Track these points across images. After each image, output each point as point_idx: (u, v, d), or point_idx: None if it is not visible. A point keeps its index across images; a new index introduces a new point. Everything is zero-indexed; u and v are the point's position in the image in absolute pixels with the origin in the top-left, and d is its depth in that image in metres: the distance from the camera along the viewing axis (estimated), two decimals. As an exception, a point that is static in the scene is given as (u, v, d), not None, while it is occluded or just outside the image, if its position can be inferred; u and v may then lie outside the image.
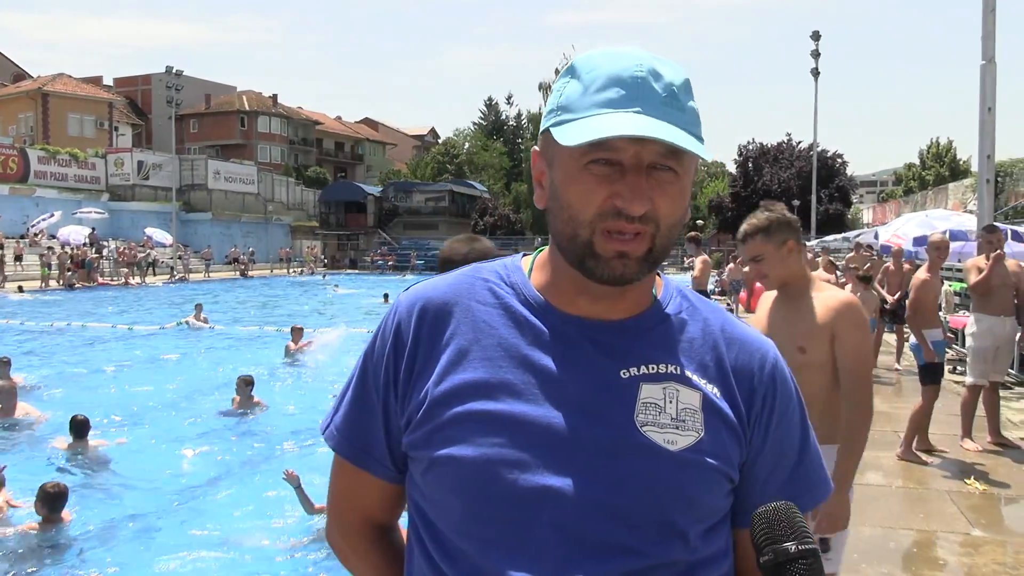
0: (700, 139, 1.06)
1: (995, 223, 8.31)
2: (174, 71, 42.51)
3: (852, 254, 16.00)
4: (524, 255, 1.26)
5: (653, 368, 1.12)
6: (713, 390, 1.13)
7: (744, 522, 1.14)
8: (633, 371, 1.11)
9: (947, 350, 9.09)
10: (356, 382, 1.23)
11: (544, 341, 1.13)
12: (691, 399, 1.11)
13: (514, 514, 1.06)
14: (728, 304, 17.22)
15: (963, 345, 11.15)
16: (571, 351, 1.12)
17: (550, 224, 1.14)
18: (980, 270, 7.09)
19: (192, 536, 6.11)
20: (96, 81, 64.56)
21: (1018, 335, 7.64)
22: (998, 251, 7.03)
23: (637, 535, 1.06)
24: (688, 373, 1.13)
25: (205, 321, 18.78)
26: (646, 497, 1.06)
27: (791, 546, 0.96)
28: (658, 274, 1.20)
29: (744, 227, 3.07)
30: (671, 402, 1.10)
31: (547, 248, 1.21)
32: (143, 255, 37.58)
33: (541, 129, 1.14)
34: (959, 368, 10.53)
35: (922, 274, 7.18)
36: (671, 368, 1.12)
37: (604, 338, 1.13)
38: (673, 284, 1.23)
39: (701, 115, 1.09)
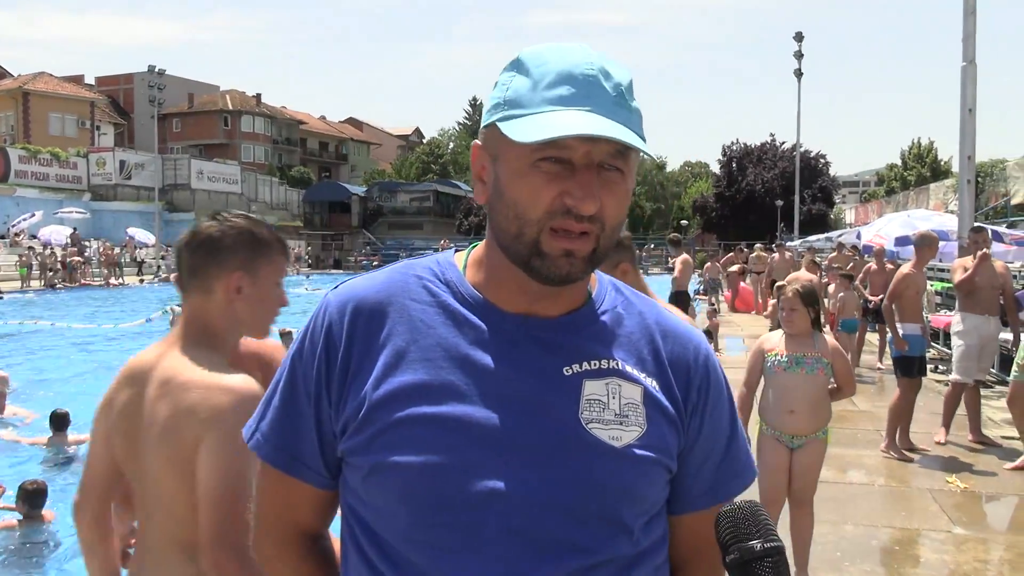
0: (643, 140, 1.07)
1: (979, 223, 8.39)
2: (156, 70, 42.30)
3: (834, 254, 16.13)
4: (456, 251, 1.23)
5: (595, 364, 1.11)
6: (652, 383, 1.13)
7: (676, 509, 1.18)
8: (575, 368, 1.10)
9: (929, 348, 9.16)
10: (284, 386, 1.17)
11: (484, 340, 1.10)
12: (633, 394, 1.11)
13: (463, 518, 1.04)
14: (712, 304, 17.25)
15: (944, 344, 11.26)
16: (512, 349, 1.10)
17: (491, 221, 1.12)
18: (966, 269, 7.18)
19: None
20: (78, 80, 64.04)
21: (1000, 334, 7.74)
22: (983, 251, 7.11)
23: (586, 533, 1.06)
24: (628, 367, 1.13)
25: None
26: (594, 494, 1.06)
27: (756, 544, 0.97)
28: None
29: None
30: (614, 398, 1.10)
31: (481, 244, 1.19)
32: (119, 254, 37.29)
33: (484, 123, 1.11)
34: (940, 367, 10.62)
35: (906, 268, 7.32)
36: (612, 363, 1.12)
37: (545, 335, 1.11)
38: (606, 279, 1.22)
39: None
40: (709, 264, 22.37)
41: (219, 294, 1.84)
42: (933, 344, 11.48)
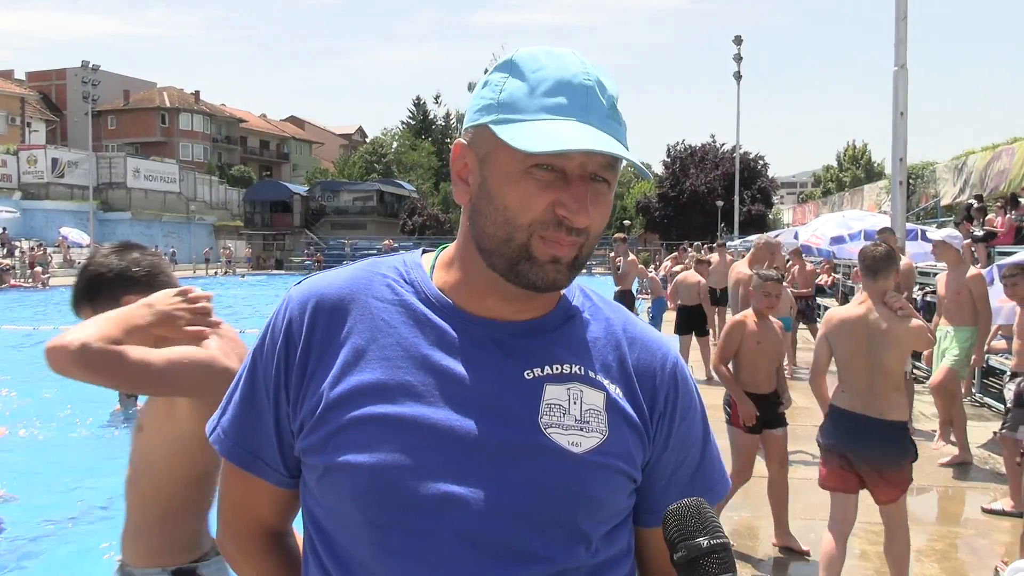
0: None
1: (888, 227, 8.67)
2: (90, 66, 41.17)
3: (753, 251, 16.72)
4: (425, 251, 1.22)
5: (557, 368, 1.10)
6: (616, 390, 1.12)
7: (648, 522, 1.16)
8: (537, 372, 1.09)
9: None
10: (245, 381, 1.16)
11: (446, 341, 1.09)
12: (595, 400, 1.10)
13: (416, 523, 1.02)
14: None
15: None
16: (474, 352, 1.08)
17: (474, 224, 1.09)
18: None
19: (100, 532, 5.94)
20: (7, 75, 61.95)
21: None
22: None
23: (542, 541, 1.04)
24: (592, 373, 1.11)
25: None
26: (551, 501, 1.04)
27: (703, 541, 0.97)
28: None
29: None
30: (575, 403, 1.08)
31: (452, 246, 1.17)
32: (40, 254, 36.20)
33: (472, 122, 1.08)
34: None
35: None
36: (575, 368, 1.10)
37: (508, 339, 1.10)
38: (575, 283, 1.19)
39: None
40: (668, 263, 22.76)
41: None
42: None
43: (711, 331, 12.48)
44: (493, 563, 1.02)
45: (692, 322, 11.81)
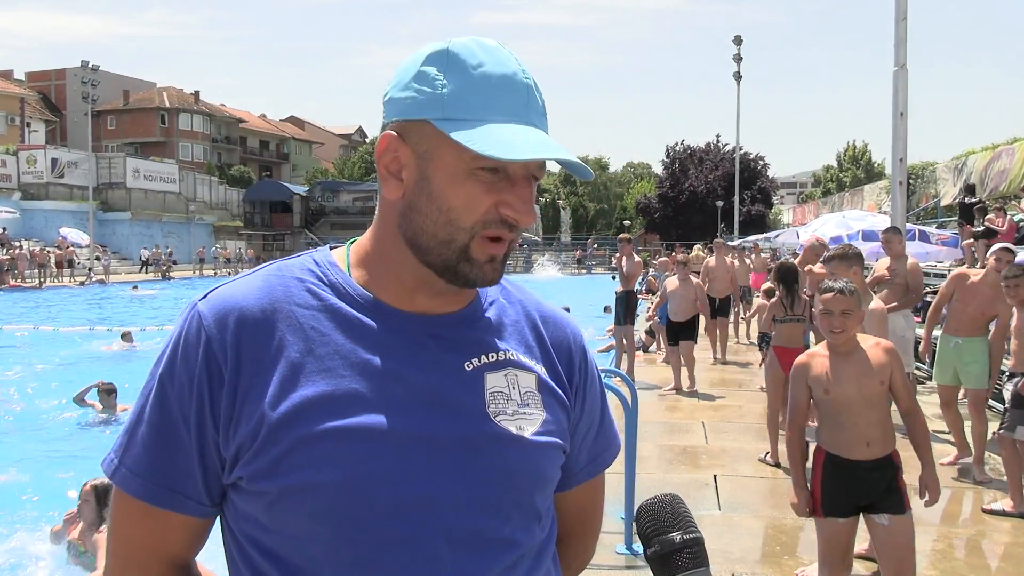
0: None
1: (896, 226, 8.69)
2: (90, 66, 41.17)
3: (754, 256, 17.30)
4: (332, 248, 1.18)
5: (492, 356, 1.11)
6: (542, 369, 1.16)
7: (567, 485, 1.21)
8: (475, 362, 1.10)
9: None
10: (153, 412, 1.05)
11: (383, 342, 1.06)
12: (528, 382, 1.13)
13: (392, 530, 1.00)
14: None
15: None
16: (412, 349, 1.07)
17: (408, 220, 1.06)
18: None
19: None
20: (7, 75, 61.93)
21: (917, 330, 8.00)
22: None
23: (510, 526, 1.07)
24: (520, 356, 1.14)
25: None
26: (512, 485, 1.07)
27: (676, 536, 1.00)
28: None
29: None
30: (514, 388, 1.11)
31: (364, 240, 1.14)
32: (66, 253, 36.20)
33: (408, 116, 1.05)
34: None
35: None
36: (507, 354, 1.13)
37: (442, 332, 1.10)
38: None
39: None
40: (663, 259, 22.70)
41: None
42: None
43: (715, 346, 12.07)
44: (471, 556, 1.03)
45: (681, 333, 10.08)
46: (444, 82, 1.03)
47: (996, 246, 6.51)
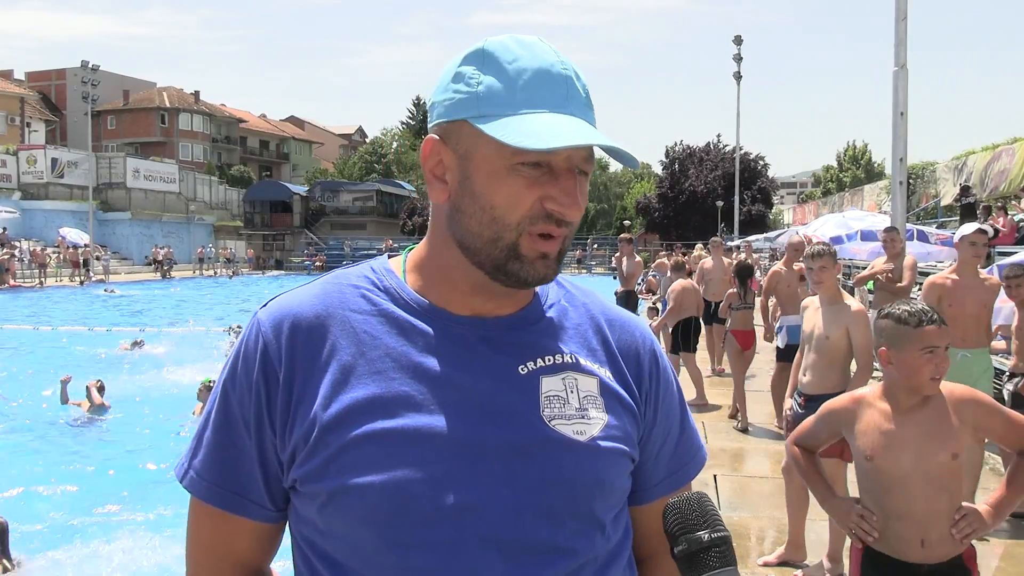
0: None
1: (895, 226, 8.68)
2: (90, 66, 41.15)
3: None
4: (391, 256, 1.18)
5: (549, 360, 1.09)
6: (606, 373, 1.12)
7: (639, 500, 1.17)
8: (530, 365, 1.07)
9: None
10: (217, 417, 1.08)
11: (435, 346, 1.06)
12: (589, 386, 1.09)
13: (437, 535, 0.99)
14: (653, 304, 17.42)
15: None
16: (465, 353, 1.06)
17: (456, 223, 1.06)
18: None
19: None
20: (6, 75, 61.91)
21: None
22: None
23: (564, 533, 1.03)
24: (581, 360, 1.11)
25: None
26: (567, 493, 1.03)
27: (704, 535, 0.97)
28: None
29: None
30: (572, 392, 1.08)
31: (421, 246, 1.15)
32: (76, 253, 36.16)
33: (447, 118, 1.04)
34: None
35: (775, 266, 8.21)
36: (565, 357, 1.10)
37: (496, 335, 1.08)
38: None
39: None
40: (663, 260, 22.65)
41: None
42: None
43: (713, 356, 11.18)
44: (521, 564, 1.00)
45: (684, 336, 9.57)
46: (479, 80, 1.02)
47: (967, 227, 5.85)
